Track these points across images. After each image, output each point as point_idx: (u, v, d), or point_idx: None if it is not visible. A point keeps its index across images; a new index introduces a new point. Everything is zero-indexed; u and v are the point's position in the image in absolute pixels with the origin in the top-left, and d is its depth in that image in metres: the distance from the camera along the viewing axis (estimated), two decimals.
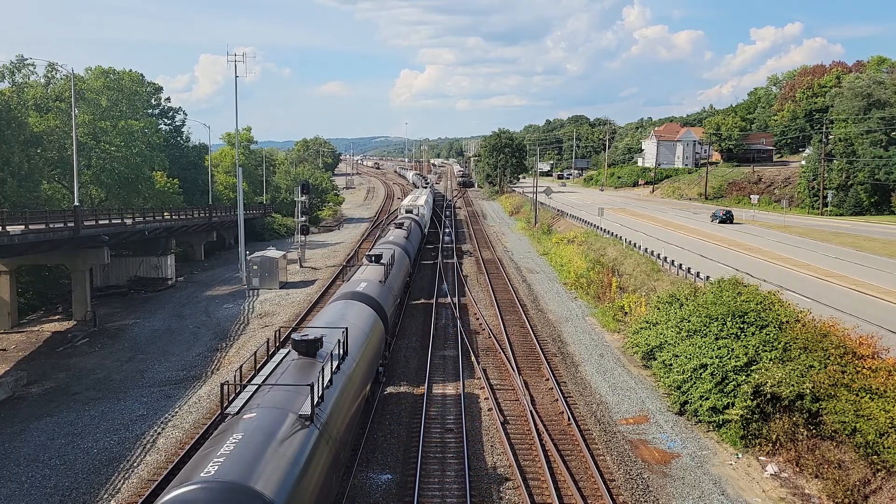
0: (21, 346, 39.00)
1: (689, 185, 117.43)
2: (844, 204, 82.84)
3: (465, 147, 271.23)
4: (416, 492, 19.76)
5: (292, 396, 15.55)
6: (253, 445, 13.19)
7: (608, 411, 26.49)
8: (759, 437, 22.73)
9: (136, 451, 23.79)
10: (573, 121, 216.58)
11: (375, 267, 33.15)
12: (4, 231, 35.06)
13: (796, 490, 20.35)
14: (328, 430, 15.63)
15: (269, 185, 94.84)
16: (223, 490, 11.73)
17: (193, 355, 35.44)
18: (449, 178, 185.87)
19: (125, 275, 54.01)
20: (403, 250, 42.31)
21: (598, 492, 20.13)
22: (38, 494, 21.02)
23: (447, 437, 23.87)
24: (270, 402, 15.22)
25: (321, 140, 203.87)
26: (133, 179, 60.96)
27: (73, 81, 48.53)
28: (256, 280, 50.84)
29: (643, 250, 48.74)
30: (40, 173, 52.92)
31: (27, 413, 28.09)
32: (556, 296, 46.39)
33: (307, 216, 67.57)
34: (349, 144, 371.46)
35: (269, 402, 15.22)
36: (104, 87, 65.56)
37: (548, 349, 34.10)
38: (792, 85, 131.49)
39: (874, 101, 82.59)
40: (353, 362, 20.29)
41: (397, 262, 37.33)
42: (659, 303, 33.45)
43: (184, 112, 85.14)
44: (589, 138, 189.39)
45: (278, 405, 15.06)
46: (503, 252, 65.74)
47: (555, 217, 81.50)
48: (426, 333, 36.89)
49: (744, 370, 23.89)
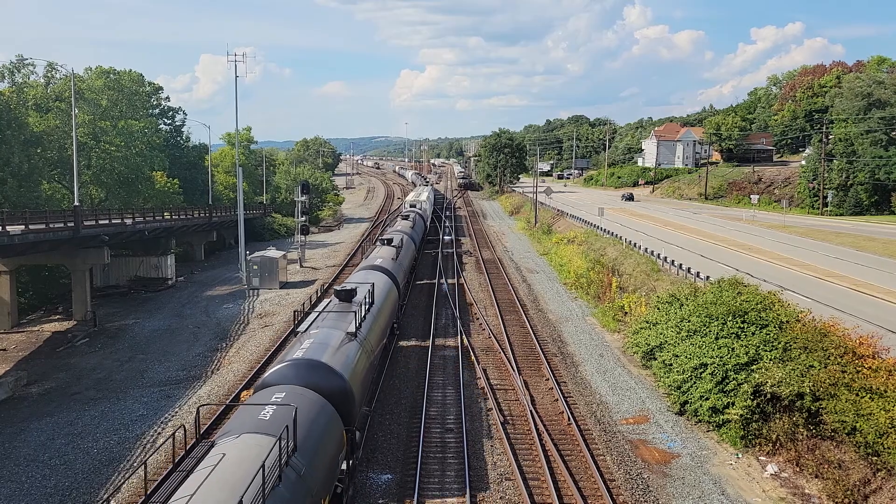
0: (21, 346, 39.00)
1: (689, 185, 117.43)
2: (844, 204, 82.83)
3: (465, 147, 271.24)
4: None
5: (340, 321, 22.49)
6: (319, 345, 19.75)
7: (608, 411, 26.49)
8: (759, 437, 22.74)
9: (136, 451, 23.79)
10: (573, 121, 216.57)
11: (388, 248, 39.82)
12: (4, 231, 35.07)
13: (796, 490, 20.34)
14: (365, 344, 22.38)
15: (269, 185, 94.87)
16: (307, 364, 18.32)
17: (193, 355, 35.45)
18: (449, 179, 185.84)
19: (125, 275, 54.01)
20: (409, 237, 48.63)
21: (598, 492, 20.13)
22: (37, 494, 21.02)
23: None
24: (327, 324, 22.17)
25: (321, 140, 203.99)
26: (133, 179, 60.97)
27: (73, 81, 48.53)
28: (256, 280, 50.85)
29: (643, 250, 48.73)
30: (40, 173, 52.92)
31: (27, 413, 28.09)
32: (556, 296, 46.39)
33: (307, 216, 67.57)
34: (349, 144, 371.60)
35: (325, 324, 22.19)
36: (104, 87, 65.54)
37: (548, 349, 34.11)
38: (792, 85, 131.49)
39: (874, 101, 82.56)
40: (378, 309, 26.81)
41: (405, 245, 43.91)
42: (659, 303, 33.44)
43: (184, 112, 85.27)
44: (589, 138, 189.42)
45: (332, 326, 21.93)
46: (503, 252, 65.74)
47: (555, 217, 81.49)
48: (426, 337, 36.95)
49: (744, 370, 23.89)
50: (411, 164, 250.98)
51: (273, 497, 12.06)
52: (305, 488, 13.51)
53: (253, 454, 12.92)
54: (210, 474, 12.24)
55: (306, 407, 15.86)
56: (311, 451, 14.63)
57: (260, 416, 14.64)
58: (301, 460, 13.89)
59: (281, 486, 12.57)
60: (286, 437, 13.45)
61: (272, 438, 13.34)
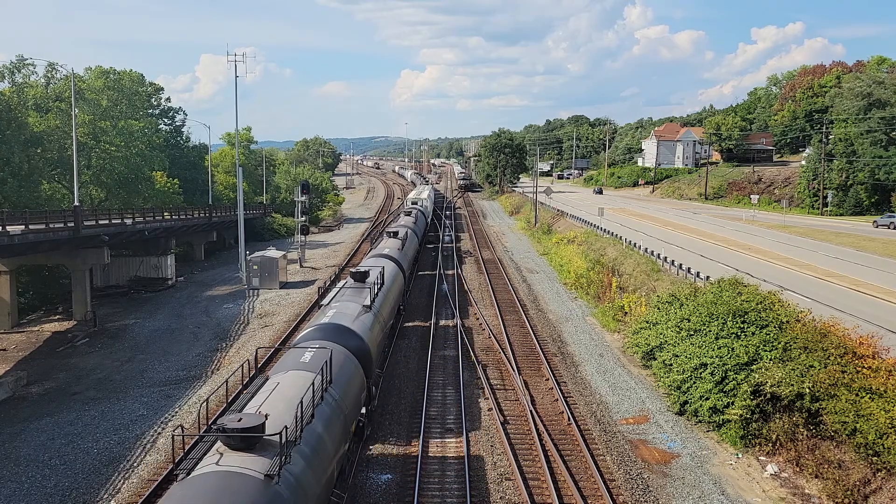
0: (21, 346, 39.00)
1: (689, 185, 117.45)
2: (844, 204, 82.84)
3: (465, 147, 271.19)
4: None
5: (357, 296, 26.64)
6: (341, 314, 23.79)
7: (608, 411, 26.49)
8: (759, 437, 22.73)
9: (136, 451, 23.79)
10: (573, 121, 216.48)
11: (394, 240, 44.12)
12: (4, 231, 35.06)
13: (796, 490, 20.34)
14: (378, 316, 26.53)
15: (269, 185, 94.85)
16: (334, 327, 22.35)
17: (193, 355, 35.44)
18: (449, 179, 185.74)
19: (125, 275, 54.01)
20: (413, 231, 53.00)
21: (598, 492, 20.13)
22: (37, 495, 21.01)
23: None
24: (346, 298, 26.33)
25: (321, 140, 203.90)
26: (133, 179, 60.93)
27: (73, 81, 48.52)
28: (256, 280, 50.84)
29: (643, 250, 48.73)
30: (40, 173, 52.89)
31: (27, 413, 28.08)
32: (556, 296, 46.39)
33: (307, 216, 67.57)
34: (349, 144, 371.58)
35: (344, 298, 26.32)
36: (104, 87, 65.53)
37: (548, 349, 34.11)
38: (792, 85, 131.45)
39: (874, 101, 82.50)
40: (387, 289, 30.96)
41: (409, 238, 48.21)
42: (659, 303, 33.45)
43: (184, 112, 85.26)
44: (589, 138, 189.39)
45: (350, 300, 26.12)
46: (503, 252, 65.74)
47: (555, 217, 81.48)
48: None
49: (744, 370, 23.89)
50: (411, 164, 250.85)
51: (318, 409, 15.81)
52: (340, 409, 17.43)
53: (300, 382, 16.45)
54: (271, 393, 15.72)
55: (336, 356, 19.32)
56: (342, 386, 18.45)
57: (302, 358, 18.37)
58: (335, 391, 17.66)
59: (323, 404, 16.40)
60: (324, 373, 17.14)
61: (313, 374, 16.86)
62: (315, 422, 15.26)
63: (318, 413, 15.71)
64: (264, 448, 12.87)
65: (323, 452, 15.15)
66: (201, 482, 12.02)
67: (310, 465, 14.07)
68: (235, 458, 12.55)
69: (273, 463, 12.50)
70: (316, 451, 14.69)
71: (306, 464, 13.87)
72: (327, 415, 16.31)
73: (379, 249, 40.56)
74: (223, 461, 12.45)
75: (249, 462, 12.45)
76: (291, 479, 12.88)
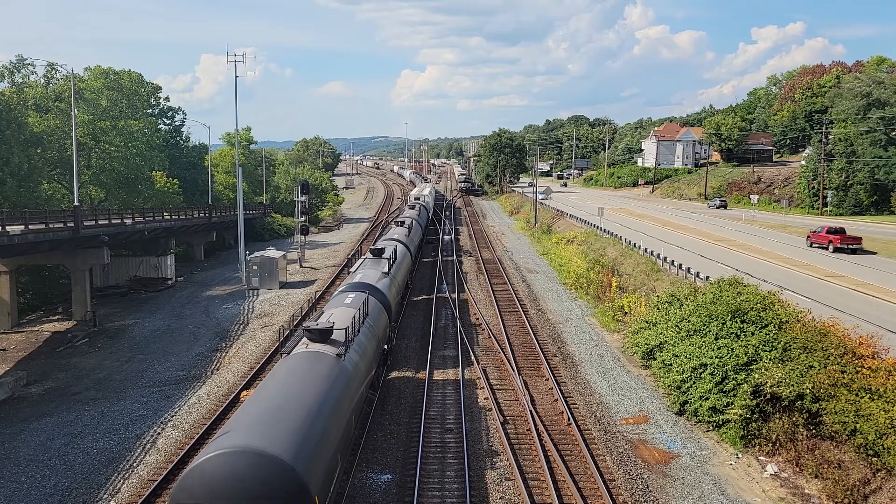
0: (21, 346, 38.99)
1: (689, 185, 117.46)
2: (844, 204, 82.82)
3: (465, 147, 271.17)
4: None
5: (376, 266, 33.01)
6: (367, 276, 30.36)
7: (608, 411, 26.49)
8: (758, 437, 22.73)
9: (136, 451, 23.79)
10: (573, 121, 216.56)
11: (401, 228, 50.48)
12: (4, 231, 35.05)
13: (796, 490, 20.34)
14: (394, 281, 33.04)
15: (268, 185, 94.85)
16: (364, 284, 28.61)
17: (193, 355, 35.44)
18: (449, 179, 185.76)
19: (125, 275, 54.00)
20: (417, 222, 59.89)
21: (597, 492, 20.13)
22: (37, 494, 21.01)
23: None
24: (368, 267, 32.58)
25: (321, 140, 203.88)
26: (133, 179, 60.92)
27: (73, 81, 48.53)
28: (256, 280, 50.84)
29: (643, 250, 48.73)
30: (40, 173, 52.88)
31: (27, 413, 28.07)
32: (556, 296, 46.39)
33: (307, 216, 67.54)
34: (349, 144, 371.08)
35: (367, 267, 32.53)
36: (104, 87, 65.48)
37: (547, 349, 34.10)
38: (792, 85, 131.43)
39: (874, 101, 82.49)
40: (399, 264, 36.72)
41: (414, 228, 54.88)
42: (659, 303, 33.45)
43: (183, 112, 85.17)
44: (589, 138, 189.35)
45: (371, 267, 32.44)
46: (503, 252, 65.75)
47: (554, 217, 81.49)
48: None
49: (744, 370, 23.89)
50: (411, 164, 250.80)
51: (362, 328, 22.46)
52: (374, 333, 24.08)
53: (349, 312, 22.81)
54: (331, 315, 22.29)
55: (369, 300, 25.74)
56: (375, 319, 25.31)
57: (346, 300, 24.92)
58: (370, 321, 24.27)
59: (364, 327, 22.77)
60: (363, 309, 23.55)
61: (355, 308, 23.35)
62: (360, 336, 21.82)
63: (362, 330, 22.44)
64: (333, 341, 19.48)
65: (366, 354, 21.84)
66: (298, 356, 18.38)
67: (360, 357, 20.86)
68: (316, 346, 19.02)
69: (340, 349, 19.12)
70: (362, 351, 21.36)
71: (358, 357, 20.53)
72: (367, 333, 23.15)
73: (389, 235, 48.17)
74: (309, 347, 18.95)
75: (325, 348, 19.00)
76: (351, 361, 19.48)
